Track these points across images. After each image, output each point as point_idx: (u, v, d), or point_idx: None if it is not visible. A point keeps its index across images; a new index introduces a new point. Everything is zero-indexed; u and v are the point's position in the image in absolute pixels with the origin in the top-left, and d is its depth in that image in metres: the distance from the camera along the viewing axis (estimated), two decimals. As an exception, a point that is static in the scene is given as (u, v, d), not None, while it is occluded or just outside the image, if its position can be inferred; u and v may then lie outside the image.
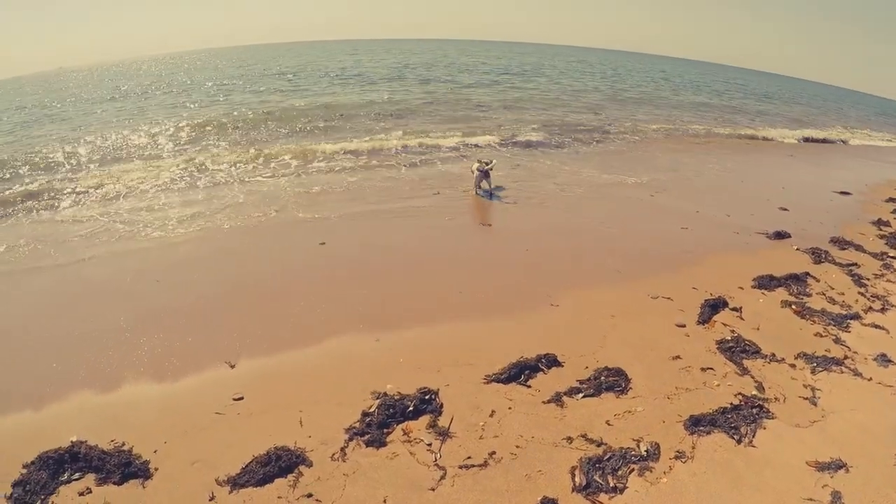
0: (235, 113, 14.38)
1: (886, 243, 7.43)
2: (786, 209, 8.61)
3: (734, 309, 4.86)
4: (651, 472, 2.85)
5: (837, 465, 3.08)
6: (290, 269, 5.18)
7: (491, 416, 3.15)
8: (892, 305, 5.38)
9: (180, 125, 13.06)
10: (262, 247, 5.79)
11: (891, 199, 10.14)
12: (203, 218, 6.83)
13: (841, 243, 7.13)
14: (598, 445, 2.98)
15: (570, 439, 3.02)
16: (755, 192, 9.62)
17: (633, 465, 2.83)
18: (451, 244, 6.06)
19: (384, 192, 8.11)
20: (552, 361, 3.71)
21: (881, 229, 8.11)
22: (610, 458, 2.85)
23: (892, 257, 6.83)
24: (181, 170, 9.15)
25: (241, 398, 3.25)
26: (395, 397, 3.19)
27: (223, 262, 5.39)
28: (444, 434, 2.97)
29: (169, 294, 4.66)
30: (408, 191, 8.22)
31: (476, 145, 11.45)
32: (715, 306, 4.81)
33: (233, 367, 3.49)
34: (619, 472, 2.78)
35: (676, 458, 2.98)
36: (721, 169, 11.44)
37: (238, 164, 9.57)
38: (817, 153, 15.43)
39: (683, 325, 4.50)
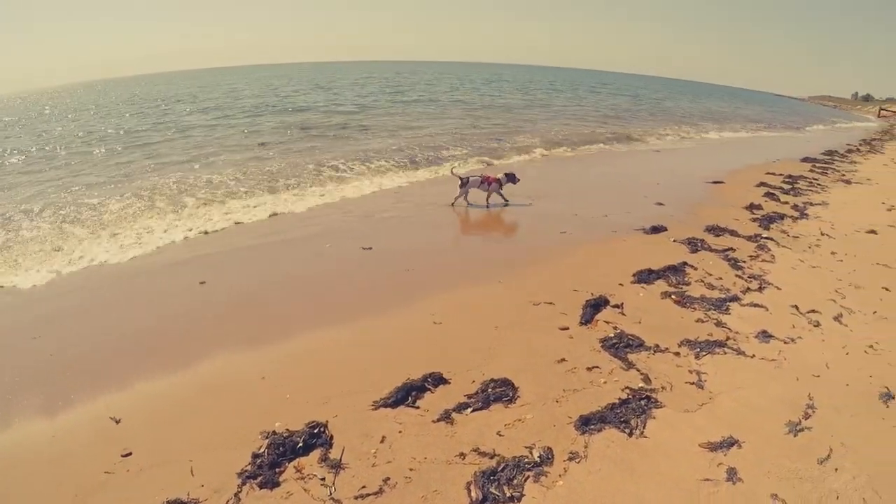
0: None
1: (759, 225, 9.57)
2: (661, 203, 10.88)
3: (615, 306, 5.98)
4: (546, 476, 3.48)
5: (730, 443, 3.84)
6: (169, 315, 6.29)
7: (382, 441, 3.80)
8: (769, 284, 6.83)
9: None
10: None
11: (761, 184, 13.76)
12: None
13: (716, 230, 9.09)
14: (492, 457, 3.60)
15: (462, 455, 3.65)
16: (631, 191, 12.11)
17: (527, 473, 3.47)
18: (334, 270, 7.41)
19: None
20: (438, 379, 4.49)
21: (754, 213, 10.48)
22: (504, 468, 3.48)
23: (766, 238, 8.76)
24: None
25: (130, 454, 3.81)
26: (285, 434, 3.79)
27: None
28: (336, 466, 3.57)
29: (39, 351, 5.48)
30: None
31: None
32: (596, 306, 5.90)
33: (118, 422, 4.18)
34: (515, 482, 3.39)
35: (570, 459, 3.63)
36: (598, 172, 14.42)
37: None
38: (687, 149, 20.39)
39: (567, 328, 5.48)
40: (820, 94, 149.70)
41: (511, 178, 10.56)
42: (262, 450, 3.70)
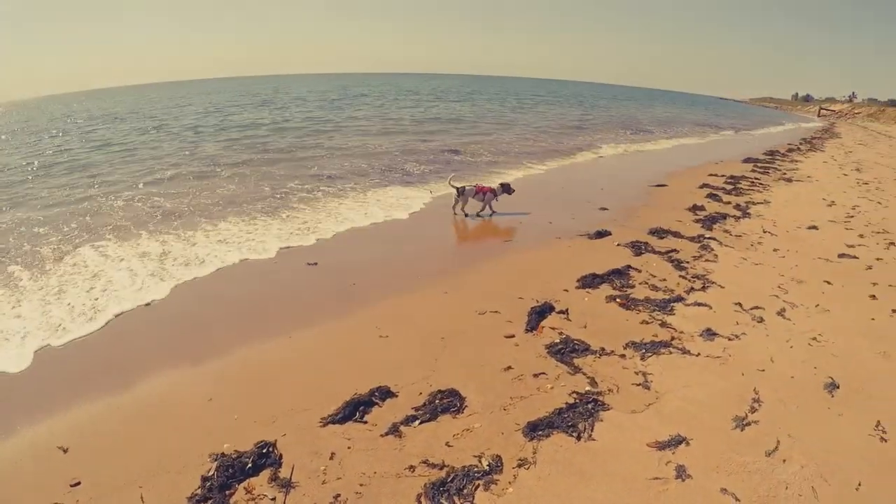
0: None
1: (702, 226, 10.32)
2: (605, 209, 11.59)
3: (561, 312, 6.35)
4: (496, 484, 3.69)
5: (678, 441, 4.12)
6: (113, 333, 6.51)
7: (331, 458, 3.99)
8: (713, 283, 7.34)
9: None
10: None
11: (704, 185, 14.65)
12: None
13: (659, 233, 9.73)
14: (441, 468, 3.82)
15: (412, 468, 3.85)
16: (575, 197, 12.93)
17: (477, 482, 3.69)
18: (279, 287, 7.69)
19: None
20: (385, 393, 4.73)
21: (696, 214, 11.29)
22: (453, 478, 3.70)
23: (709, 238, 9.45)
24: None
25: (79, 483, 3.94)
26: (233, 456, 3.94)
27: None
28: (286, 485, 3.71)
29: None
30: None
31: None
32: (542, 312, 6.28)
33: (66, 451, 4.27)
34: (465, 491, 3.62)
35: (519, 466, 3.86)
36: (542, 180, 15.41)
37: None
38: (632, 153, 21.99)
39: (512, 336, 5.80)
40: (761, 96, 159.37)
41: (506, 188, 11.17)
42: (211, 472, 3.82)
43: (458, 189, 10.90)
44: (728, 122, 48.71)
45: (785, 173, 18.09)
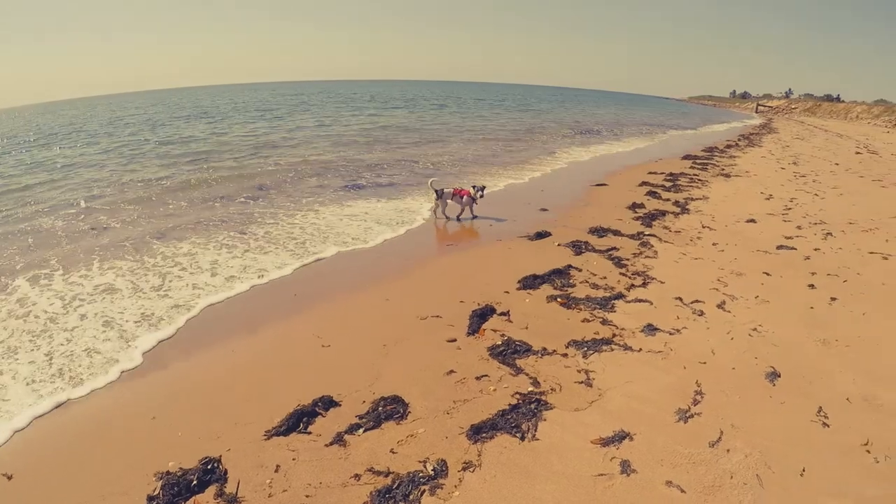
0: None
1: (642, 223, 10.94)
2: (545, 209, 12.18)
3: (502, 314, 6.62)
4: (442, 489, 3.85)
5: (621, 437, 4.35)
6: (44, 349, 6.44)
7: (276, 471, 4.10)
8: (653, 279, 7.79)
9: None
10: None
11: (644, 183, 15.32)
12: None
13: (599, 231, 10.28)
14: (386, 475, 3.97)
15: (357, 476, 4.01)
16: (516, 199, 13.53)
17: (423, 487, 3.84)
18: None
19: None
20: (329, 403, 4.88)
21: (636, 212, 11.94)
22: (399, 485, 3.85)
23: (649, 235, 10.05)
24: None
25: (10, 476, 4.26)
26: (179, 473, 4.04)
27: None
28: (232, 501, 3.82)
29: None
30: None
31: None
32: (483, 315, 6.54)
33: (10, 478, 4.34)
34: (411, 497, 3.76)
35: (465, 469, 4.04)
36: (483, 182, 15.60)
37: None
38: (577, 153, 23.31)
39: (454, 340, 6.03)
40: (700, 94, 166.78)
41: (481, 190, 11.41)
42: (156, 492, 3.92)
43: (437, 192, 11.28)
44: (674, 121, 51.70)
45: (723, 169, 18.97)
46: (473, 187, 11.47)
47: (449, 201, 11.34)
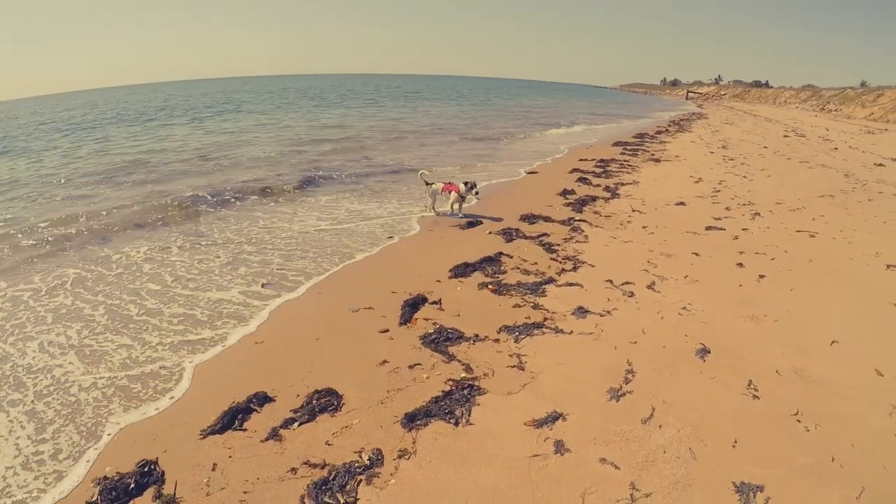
0: None
1: (572, 209, 11.41)
2: (478, 198, 11.98)
3: (434, 302, 6.81)
4: (379, 477, 3.97)
5: (554, 417, 4.53)
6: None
7: (214, 469, 4.15)
8: (584, 262, 8.10)
9: None
10: None
11: (575, 170, 15.84)
12: None
13: (530, 218, 10.66)
14: (323, 467, 4.08)
15: (294, 470, 4.08)
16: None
17: (359, 477, 3.96)
18: (149, 301, 7.52)
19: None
20: (263, 398, 4.97)
21: (567, 198, 12.46)
22: (336, 476, 3.97)
23: (579, 220, 10.47)
24: None
25: None
26: (115, 478, 4.08)
27: None
28: (171, 502, 3.89)
29: None
30: None
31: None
32: (415, 304, 6.71)
33: None
34: (348, 487, 3.89)
35: (400, 457, 4.15)
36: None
37: None
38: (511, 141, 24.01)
39: (387, 330, 6.15)
40: (632, 82, 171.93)
41: (473, 187, 11.30)
42: (94, 498, 3.96)
43: (427, 183, 11.54)
44: (613, 110, 53.28)
45: (654, 154, 19.67)
46: (465, 184, 11.47)
47: (438, 196, 11.48)
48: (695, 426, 4.53)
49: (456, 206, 11.41)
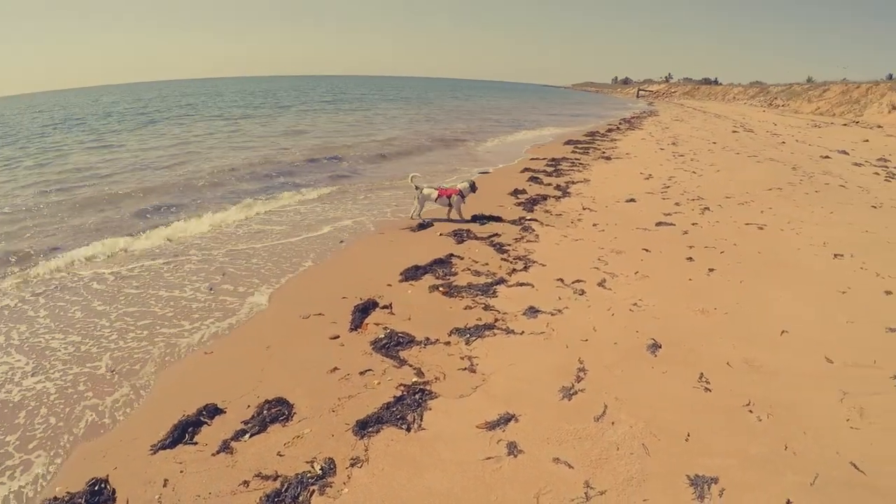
0: None
1: (523, 208, 11.57)
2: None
3: (385, 307, 6.78)
4: (331, 487, 3.95)
5: (507, 419, 4.55)
6: None
7: (165, 485, 4.10)
8: (534, 262, 8.17)
9: None
10: None
11: (526, 169, 16.03)
12: None
13: (481, 219, 10.83)
14: (275, 479, 4.05)
15: (246, 483, 4.05)
16: (400, 190, 13.86)
17: (312, 487, 3.95)
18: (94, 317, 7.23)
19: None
20: (213, 410, 4.90)
21: (518, 197, 12.61)
22: (288, 488, 3.95)
23: (530, 220, 10.64)
24: None
25: None
26: (65, 498, 4.02)
27: None
28: None
29: None
30: None
31: None
32: (365, 309, 6.71)
33: None
34: (301, 499, 3.87)
35: (353, 465, 4.14)
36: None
37: None
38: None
39: (337, 336, 6.14)
40: (583, 81, 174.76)
41: (473, 186, 11.32)
42: None
43: (417, 189, 11.22)
44: (565, 109, 54.52)
45: (604, 152, 20.03)
46: (467, 182, 11.44)
47: (435, 204, 11.20)
48: (647, 421, 4.57)
49: (462, 209, 11.33)
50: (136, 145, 24.68)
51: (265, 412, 4.88)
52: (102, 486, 4.17)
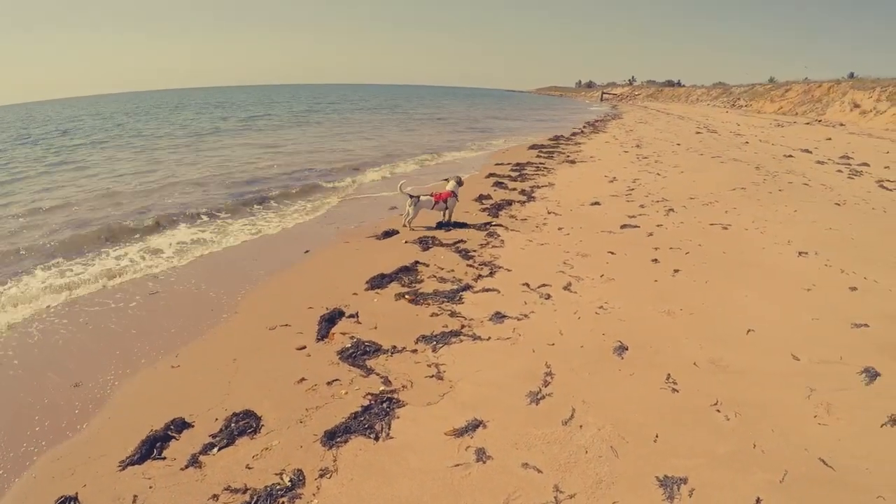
0: None
1: (489, 214, 11.67)
2: (395, 207, 12.55)
3: (351, 316, 6.81)
4: (301, 498, 3.95)
5: (475, 425, 4.59)
6: None
7: (134, 502, 4.08)
8: (500, 267, 8.25)
9: None
10: None
11: (490, 175, 16.25)
12: None
13: (446, 226, 10.84)
14: (244, 492, 4.06)
15: (215, 497, 4.03)
16: (366, 200, 14.04)
17: (281, 500, 3.95)
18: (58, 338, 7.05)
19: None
20: (181, 424, 4.88)
21: (483, 203, 12.67)
22: (257, 500, 3.95)
23: (496, 225, 10.75)
24: None
25: None
26: None
27: None
28: None
29: None
30: None
31: None
32: (331, 319, 6.72)
33: None
34: None
35: (322, 476, 4.15)
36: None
37: None
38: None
39: (304, 347, 6.14)
40: (547, 85, 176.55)
41: (459, 181, 11.37)
42: None
43: (411, 197, 10.98)
44: (528, 113, 55.37)
45: (569, 156, 20.30)
46: (455, 181, 11.36)
47: (430, 210, 11.12)
48: (615, 424, 4.65)
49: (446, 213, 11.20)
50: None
51: (233, 425, 4.88)
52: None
